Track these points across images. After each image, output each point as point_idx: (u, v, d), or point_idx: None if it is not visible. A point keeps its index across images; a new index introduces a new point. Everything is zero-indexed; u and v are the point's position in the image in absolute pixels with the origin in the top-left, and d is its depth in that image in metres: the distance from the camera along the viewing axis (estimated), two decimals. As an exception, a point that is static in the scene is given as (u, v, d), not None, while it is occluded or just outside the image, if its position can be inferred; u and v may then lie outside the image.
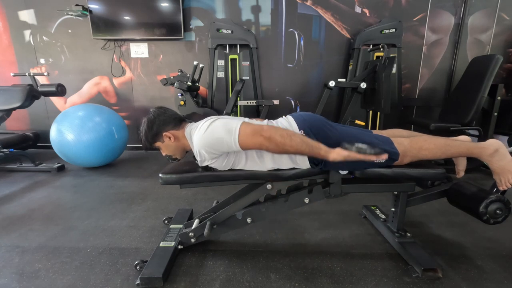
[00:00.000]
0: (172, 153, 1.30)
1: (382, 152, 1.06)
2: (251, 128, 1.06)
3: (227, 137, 1.06)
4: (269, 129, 1.05)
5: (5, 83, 3.26)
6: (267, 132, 1.04)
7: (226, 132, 1.06)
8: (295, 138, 1.05)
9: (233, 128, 1.06)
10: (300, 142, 1.05)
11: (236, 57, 3.19)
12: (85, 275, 1.19)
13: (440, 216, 1.69)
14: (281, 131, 1.06)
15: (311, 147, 1.06)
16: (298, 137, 1.06)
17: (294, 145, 1.04)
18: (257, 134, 1.05)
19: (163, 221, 1.64)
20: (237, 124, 1.07)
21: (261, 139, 1.04)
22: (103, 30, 3.17)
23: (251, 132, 1.05)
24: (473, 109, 2.38)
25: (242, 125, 1.07)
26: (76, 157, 2.53)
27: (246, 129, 1.06)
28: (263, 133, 1.04)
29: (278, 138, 1.03)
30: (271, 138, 1.03)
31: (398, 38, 2.99)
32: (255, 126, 1.07)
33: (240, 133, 1.05)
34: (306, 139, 1.07)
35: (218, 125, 1.09)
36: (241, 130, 1.06)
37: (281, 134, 1.04)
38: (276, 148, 1.05)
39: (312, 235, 1.50)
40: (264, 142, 1.04)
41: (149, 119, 1.25)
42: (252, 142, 1.06)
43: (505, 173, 1.16)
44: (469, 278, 1.17)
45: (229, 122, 1.09)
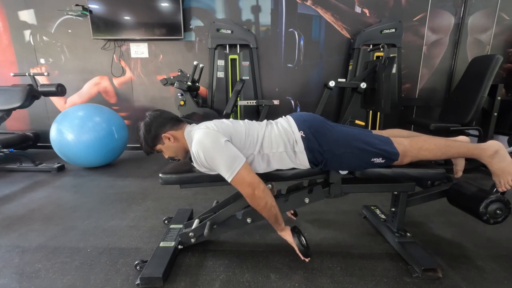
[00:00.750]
0: (173, 154, 1.30)
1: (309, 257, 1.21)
2: (250, 179, 1.10)
3: (224, 168, 1.09)
4: (263, 191, 1.11)
5: (5, 83, 3.26)
6: (259, 193, 1.10)
7: (226, 164, 1.08)
8: (273, 211, 1.15)
9: (234, 165, 1.08)
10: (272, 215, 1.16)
11: (236, 57, 3.19)
12: (85, 275, 1.19)
13: (440, 216, 1.69)
14: (270, 200, 1.13)
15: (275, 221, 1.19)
16: (274, 210, 1.15)
17: (265, 214, 1.16)
18: (251, 187, 1.10)
19: (163, 221, 1.64)
20: (240, 162, 1.09)
21: (250, 192, 1.10)
22: (103, 30, 3.17)
23: (248, 183, 1.10)
24: (473, 109, 2.38)
25: (244, 168, 1.09)
26: (76, 157, 2.53)
27: (246, 176, 1.09)
28: (256, 191, 1.10)
29: (262, 204, 1.12)
30: (258, 200, 1.11)
31: (398, 38, 2.99)
32: (253, 178, 1.11)
33: (238, 174, 1.08)
34: (278, 216, 1.18)
35: (222, 149, 1.09)
36: (240, 173, 1.08)
37: (266, 202, 1.12)
38: (253, 205, 1.14)
39: (312, 235, 1.50)
40: (250, 197, 1.11)
41: (146, 122, 1.25)
42: (242, 188, 1.11)
43: (505, 174, 1.16)
44: (469, 278, 1.17)
45: (233, 154, 1.10)
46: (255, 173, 1.13)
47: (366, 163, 1.19)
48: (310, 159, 1.19)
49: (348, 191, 1.30)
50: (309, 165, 1.21)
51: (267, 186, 1.25)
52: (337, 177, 1.25)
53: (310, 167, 1.21)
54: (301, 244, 1.19)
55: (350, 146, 1.18)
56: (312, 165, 1.21)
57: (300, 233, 1.22)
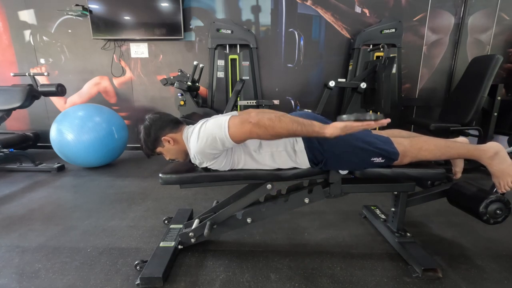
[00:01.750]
0: (174, 156, 1.30)
1: (382, 118, 0.96)
2: (240, 118, 1.05)
3: (218, 133, 1.06)
4: (256, 114, 1.03)
5: (5, 83, 3.26)
6: (254, 118, 1.01)
7: (217, 128, 1.07)
8: (284, 119, 1.01)
9: (222, 123, 1.06)
10: (290, 122, 1.00)
11: (236, 57, 3.19)
12: (85, 275, 1.19)
13: (440, 216, 1.69)
14: (269, 114, 1.03)
15: (303, 125, 1.00)
16: (287, 117, 1.02)
17: (284, 126, 1.00)
18: (246, 122, 1.03)
19: (163, 221, 1.64)
20: (226, 118, 1.08)
21: (249, 126, 1.02)
22: (103, 30, 3.17)
23: (240, 122, 1.04)
24: (473, 109, 2.38)
25: (231, 118, 1.07)
26: (76, 157, 2.53)
27: (235, 120, 1.06)
28: (250, 119, 1.01)
29: (267, 122, 1.00)
30: (260, 123, 1.00)
31: (398, 38, 2.99)
32: (243, 115, 1.07)
33: (229, 126, 1.05)
34: (296, 118, 1.02)
35: (209, 124, 1.10)
36: (230, 123, 1.05)
37: (269, 117, 1.01)
38: (267, 132, 1.01)
39: (312, 235, 1.50)
40: (254, 128, 1.02)
41: (146, 126, 1.25)
42: (242, 131, 1.04)
43: (505, 176, 1.16)
44: (469, 278, 1.17)
45: (218, 119, 1.10)
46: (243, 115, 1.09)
47: (366, 162, 1.19)
48: (310, 158, 1.19)
49: (348, 191, 1.30)
50: (309, 164, 1.21)
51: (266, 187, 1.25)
52: (337, 177, 1.25)
53: (310, 166, 1.21)
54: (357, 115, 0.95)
55: (350, 146, 1.18)
56: (312, 164, 1.21)
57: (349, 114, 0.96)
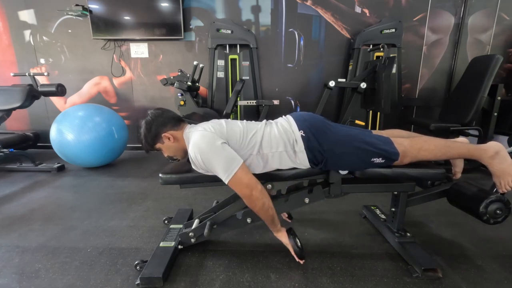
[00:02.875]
0: (173, 154, 1.30)
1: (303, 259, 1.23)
2: (248, 180, 1.11)
3: (221, 170, 1.09)
4: (260, 193, 1.12)
5: (5, 83, 3.26)
6: (257, 194, 1.11)
7: (223, 166, 1.09)
8: (270, 212, 1.15)
9: (231, 167, 1.09)
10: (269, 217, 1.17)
11: (236, 57, 3.19)
12: (85, 275, 1.19)
13: (440, 216, 1.69)
14: (267, 201, 1.14)
15: (272, 222, 1.19)
16: (271, 211, 1.16)
17: (262, 215, 1.17)
18: (248, 189, 1.10)
19: (163, 221, 1.64)
20: (237, 163, 1.09)
21: (248, 194, 1.11)
22: (103, 30, 3.17)
23: (245, 184, 1.10)
24: (473, 109, 2.38)
25: (241, 169, 1.10)
26: (76, 157, 2.53)
27: (243, 177, 1.10)
28: (253, 192, 1.10)
29: (259, 205, 1.12)
30: (255, 201, 1.11)
31: (398, 38, 2.99)
32: (250, 179, 1.11)
33: (235, 176, 1.09)
34: (275, 217, 1.19)
35: (219, 151, 1.10)
36: (237, 174, 1.09)
37: (264, 203, 1.12)
38: (250, 206, 1.15)
39: (312, 235, 1.50)
40: (247, 198, 1.12)
41: (147, 121, 1.25)
42: (239, 189, 1.12)
43: (505, 176, 1.15)
44: (469, 278, 1.17)
45: (230, 156, 1.11)
46: (252, 174, 1.13)
47: (366, 163, 1.19)
48: (310, 159, 1.19)
49: (348, 191, 1.30)
50: (309, 164, 1.21)
51: (266, 187, 1.25)
52: (337, 177, 1.25)
53: (310, 166, 1.21)
54: (296, 245, 1.22)
55: (350, 146, 1.18)
56: (312, 164, 1.21)
57: (295, 235, 1.24)
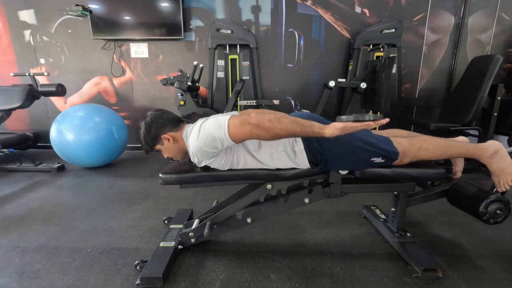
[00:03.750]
0: (173, 155, 1.30)
1: (381, 118, 0.99)
2: (240, 119, 1.06)
3: (218, 132, 1.06)
4: (256, 116, 1.03)
5: (5, 83, 3.26)
6: (254, 119, 1.02)
7: (217, 127, 1.07)
8: (284, 120, 1.02)
9: (222, 123, 1.07)
10: (290, 123, 1.01)
11: (236, 57, 3.19)
12: (85, 275, 1.19)
13: (440, 216, 1.69)
14: (269, 115, 1.04)
15: (302, 126, 1.02)
16: (287, 118, 1.03)
17: (284, 127, 1.01)
18: (246, 123, 1.04)
19: (163, 221, 1.64)
20: (226, 118, 1.08)
21: (250, 127, 1.03)
22: (103, 30, 3.17)
23: (240, 123, 1.05)
24: (473, 109, 2.38)
25: (231, 118, 1.08)
26: (76, 157, 2.53)
27: (235, 120, 1.06)
28: (251, 120, 1.03)
29: (267, 123, 1.01)
30: (260, 124, 1.02)
31: (398, 38, 2.99)
32: (243, 116, 1.07)
33: (229, 126, 1.06)
34: (296, 119, 1.03)
35: (209, 123, 1.10)
36: (230, 123, 1.06)
37: (269, 118, 1.02)
38: (267, 133, 1.03)
39: (312, 235, 1.50)
40: (254, 129, 1.03)
41: (147, 122, 1.25)
42: (242, 132, 1.05)
43: (505, 175, 1.16)
44: (469, 278, 1.17)
45: (218, 118, 1.10)
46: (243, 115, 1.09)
47: (366, 162, 1.19)
48: (310, 159, 1.19)
49: (348, 191, 1.30)
50: (309, 164, 1.21)
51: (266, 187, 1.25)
52: (337, 177, 1.25)
53: (310, 166, 1.21)
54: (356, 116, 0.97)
55: (350, 146, 1.18)
56: (312, 164, 1.21)
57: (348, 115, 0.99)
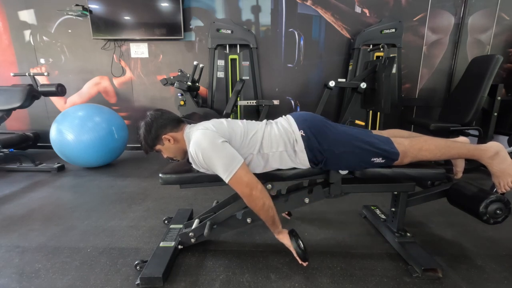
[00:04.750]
0: (173, 155, 1.30)
1: (306, 261, 1.20)
2: (248, 179, 1.10)
3: (221, 169, 1.09)
4: (261, 192, 1.11)
5: (5, 83, 3.25)
6: (257, 193, 1.10)
7: (224, 164, 1.09)
8: (270, 212, 1.14)
9: (232, 166, 1.08)
10: (270, 217, 1.15)
11: (236, 57, 3.19)
12: (85, 275, 1.19)
13: (440, 216, 1.69)
14: (268, 201, 1.13)
15: (273, 223, 1.18)
16: (272, 212, 1.15)
17: (263, 216, 1.15)
18: (248, 188, 1.10)
19: (163, 221, 1.64)
20: (238, 162, 1.09)
21: (248, 193, 1.10)
22: (103, 30, 3.17)
23: (245, 183, 1.10)
24: (473, 109, 2.38)
25: (242, 168, 1.09)
26: (76, 157, 2.53)
27: (243, 176, 1.10)
28: (253, 191, 1.10)
29: (259, 205, 1.11)
30: (255, 200, 1.11)
31: (398, 38, 2.99)
32: (251, 179, 1.11)
33: (235, 175, 1.08)
34: (276, 218, 1.17)
35: (220, 149, 1.10)
36: (238, 174, 1.09)
37: (264, 203, 1.11)
38: (250, 206, 1.14)
39: (312, 235, 1.50)
40: (247, 197, 1.11)
41: (147, 122, 1.24)
42: (239, 189, 1.11)
43: (505, 176, 1.15)
44: (469, 278, 1.17)
45: (231, 154, 1.10)
46: (252, 174, 1.13)
47: (366, 162, 1.19)
48: (310, 158, 1.19)
49: (348, 191, 1.30)
50: (309, 164, 1.21)
51: (266, 187, 1.25)
52: (337, 177, 1.25)
53: (310, 166, 1.21)
54: (299, 247, 1.18)
55: (350, 146, 1.18)
56: (312, 164, 1.21)
57: (297, 237, 1.21)
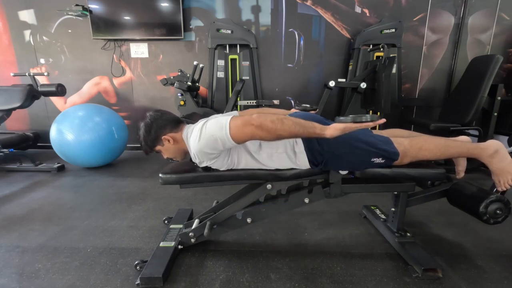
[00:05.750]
0: (172, 155, 1.30)
1: (380, 118, 1.00)
2: (241, 120, 1.06)
3: (220, 133, 1.06)
4: (258, 117, 1.03)
5: (5, 83, 3.25)
6: (257, 120, 1.02)
7: (218, 129, 1.06)
8: (287, 121, 1.02)
9: (223, 124, 1.06)
10: (293, 124, 1.02)
11: (236, 57, 3.19)
12: (85, 275, 1.19)
13: (440, 216, 1.69)
14: (271, 116, 1.03)
15: (304, 127, 1.03)
16: (289, 119, 1.03)
17: (286, 129, 1.02)
18: (248, 124, 1.03)
19: (163, 221, 1.64)
20: (227, 119, 1.08)
21: (252, 128, 1.03)
22: (103, 30, 3.17)
23: (242, 124, 1.05)
24: (473, 109, 2.38)
25: (232, 118, 1.07)
26: (76, 157, 2.53)
27: (237, 121, 1.06)
28: (253, 122, 1.02)
29: (269, 124, 1.01)
30: (262, 125, 1.02)
31: (398, 38, 2.99)
32: (245, 117, 1.06)
33: (231, 127, 1.05)
34: (298, 120, 1.04)
35: (210, 125, 1.10)
36: (231, 124, 1.05)
37: (271, 119, 1.02)
38: (269, 134, 1.03)
39: (312, 235, 1.50)
40: (256, 130, 1.03)
41: (146, 123, 1.24)
42: (244, 132, 1.05)
43: (505, 174, 1.16)
44: (469, 278, 1.17)
45: (219, 120, 1.09)
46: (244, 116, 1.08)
47: (366, 163, 1.19)
48: (310, 159, 1.19)
49: (348, 191, 1.30)
50: (309, 165, 1.21)
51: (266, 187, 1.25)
52: (337, 177, 1.25)
53: (310, 167, 1.21)
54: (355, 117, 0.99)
55: (350, 146, 1.18)
56: (312, 165, 1.21)
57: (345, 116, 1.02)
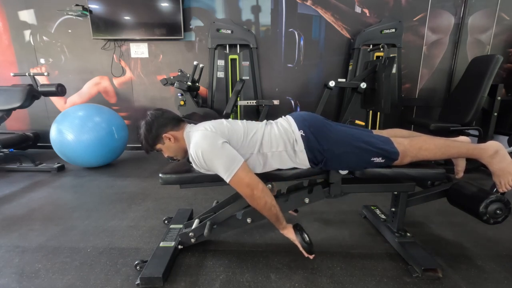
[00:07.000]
0: (173, 154, 1.30)
1: (312, 254, 1.19)
2: (249, 179, 1.11)
3: (222, 169, 1.09)
4: (262, 191, 1.11)
5: (5, 83, 3.25)
6: (258, 193, 1.11)
7: (225, 165, 1.09)
8: (273, 210, 1.14)
9: (232, 166, 1.09)
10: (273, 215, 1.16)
11: (236, 57, 3.19)
12: (85, 275, 1.19)
13: (440, 216, 1.69)
14: (270, 200, 1.13)
15: (276, 220, 1.18)
16: (275, 209, 1.15)
17: (266, 214, 1.16)
18: (249, 188, 1.11)
19: (163, 221, 1.64)
20: (238, 163, 1.10)
21: (249, 193, 1.11)
22: (103, 30, 3.17)
23: (246, 183, 1.10)
24: (473, 109, 2.38)
25: (242, 169, 1.10)
26: (76, 157, 2.53)
27: (244, 177, 1.10)
28: (255, 191, 1.10)
29: (261, 204, 1.12)
30: (257, 200, 1.11)
31: (398, 38, 2.99)
32: (252, 178, 1.11)
33: (236, 175, 1.09)
34: (279, 215, 1.17)
35: (221, 150, 1.11)
36: (238, 173, 1.09)
37: (266, 201, 1.12)
38: (252, 205, 1.15)
39: (312, 235, 1.48)
40: (249, 197, 1.12)
41: (147, 122, 1.25)
42: (240, 189, 1.12)
43: (505, 175, 1.15)
44: (469, 278, 1.17)
45: (231, 155, 1.11)
46: (253, 173, 1.14)
47: (366, 162, 1.19)
48: (310, 158, 1.19)
49: (348, 191, 1.30)
50: (309, 164, 1.21)
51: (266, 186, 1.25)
52: (337, 177, 1.25)
53: (310, 166, 1.21)
54: (304, 241, 1.18)
55: (350, 145, 1.18)
56: (312, 164, 1.21)
57: (302, 230, 1.21)
